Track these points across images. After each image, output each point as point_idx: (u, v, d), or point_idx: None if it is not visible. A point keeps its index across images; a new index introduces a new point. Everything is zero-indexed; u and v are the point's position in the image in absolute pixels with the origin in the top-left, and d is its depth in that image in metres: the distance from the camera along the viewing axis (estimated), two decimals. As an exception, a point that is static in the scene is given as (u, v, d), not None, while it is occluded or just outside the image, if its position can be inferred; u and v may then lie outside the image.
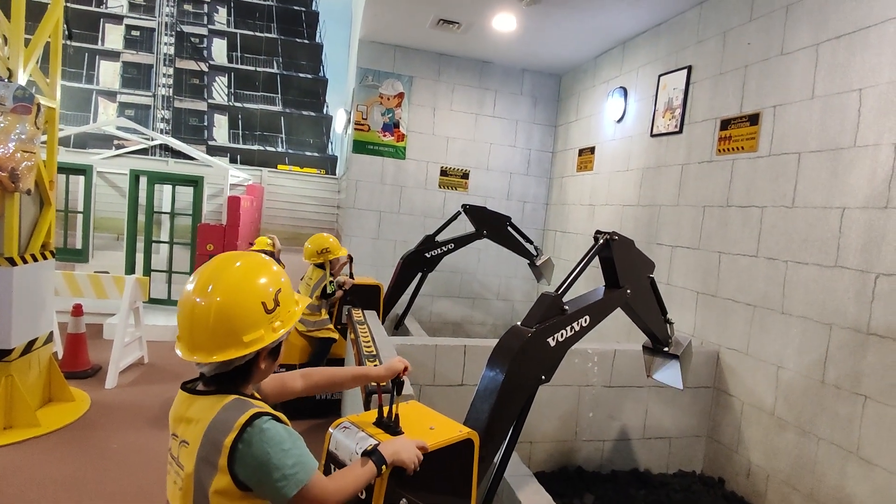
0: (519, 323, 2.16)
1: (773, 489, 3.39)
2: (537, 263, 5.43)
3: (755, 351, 3.58)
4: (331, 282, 4.22)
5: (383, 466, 1.32)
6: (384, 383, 1.59)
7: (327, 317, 4.31)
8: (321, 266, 4.27)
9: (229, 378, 1.26)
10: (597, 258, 2.43)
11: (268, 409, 1.24)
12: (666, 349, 2.82)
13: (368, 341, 3.03)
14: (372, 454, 1.32)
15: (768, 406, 3.46)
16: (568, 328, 2.19)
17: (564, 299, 2.25)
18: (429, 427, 1.58)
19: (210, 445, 1.17)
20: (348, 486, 1.27)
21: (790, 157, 3.45)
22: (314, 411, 4.19)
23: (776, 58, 3.61)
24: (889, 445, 2.75)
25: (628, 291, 2.45)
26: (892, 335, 2.76)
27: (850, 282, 3.00)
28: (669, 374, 2.82)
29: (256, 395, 1.34)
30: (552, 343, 2.13)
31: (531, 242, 5.46)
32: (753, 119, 3.75)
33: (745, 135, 3.81)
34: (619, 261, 2.40)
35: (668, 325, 2.80)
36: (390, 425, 1.52)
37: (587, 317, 2.27)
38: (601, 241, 2.36)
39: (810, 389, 3.18)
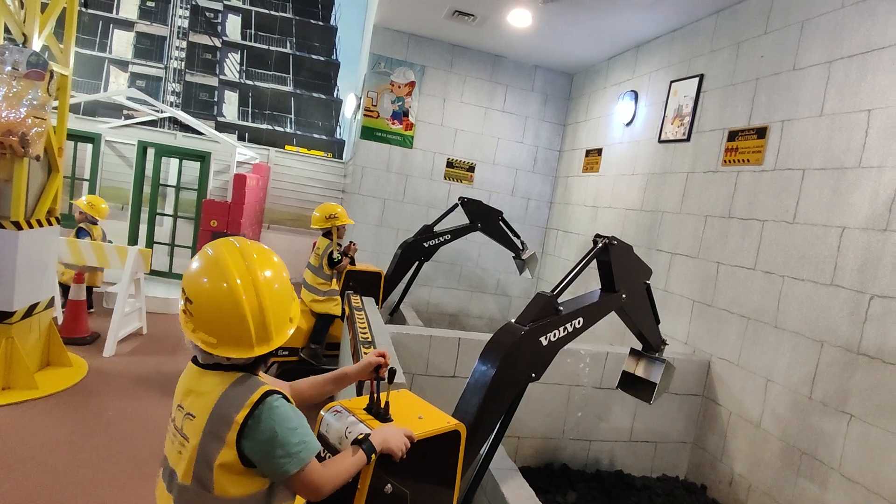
0: (513, 320, 2.19)
1: (754, 499, 3.44)
2: (522, 257, 5.55)
3: (746, 362, 3.62)
4: (336, 249, 4.29)
5: (373, 455, 1.36)
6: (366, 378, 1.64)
7: (337, 289, 4.36)
8: (328, 235, 4.34)
9: (255, 362, 1.31)
10: (594, 261, 2.46)
11: (276, 387, 1.28)
12: (655, 355, 2.83)
13: (364, 327, 3.07)
14: (362, 443, 1.36)
15: (755, 418, 3.51)
16: (561, 328, 2.22)
17: (560, 300, 2.29)
18: (417, 416, 1.62)
19: (219, 420, 1.20)
20: (340, 474, 1.31)
21: (794, 173, 3.46)
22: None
23: (788, 73, 3.62)
24: (870, 464, 2.79)
25: (623, 296, 2.48)
26: (881, 356, 2.80)
27: (845, 301, 3.03)
28: (647, 381, 2.84)
29: (261, 373, 1.38)
30: (544, 342, 2.17)
31: (518, 237, 5.60)
32: (761, 132, 3.77)
33: (752, 147, 3.83)
34: (617, 265, 2.43)
35: (659, 333, 2.83)
36: (380, 412, 1.55)
37: (581, 318, 2.31)
38: (600, 244, 2.40)
39: (797, 404, 3.22)
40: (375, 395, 1.57)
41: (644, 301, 2.65)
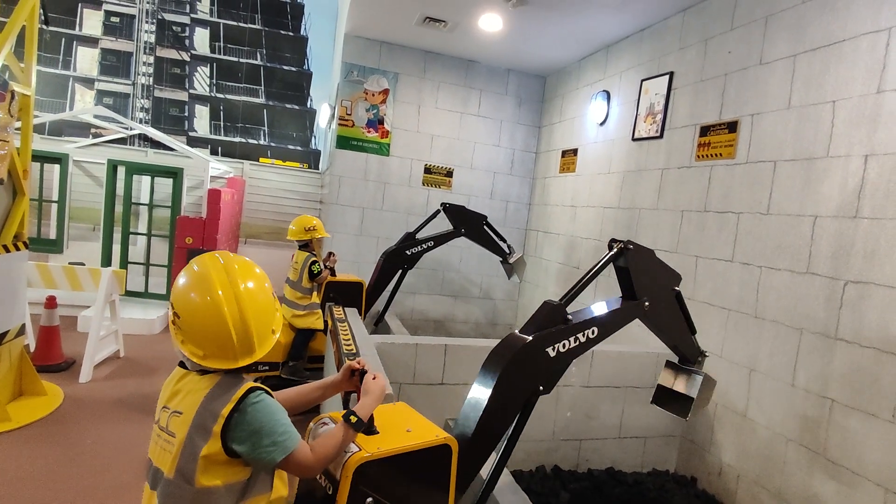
0: (517, 330, 2.06)
1: (744, 488, 3.48)
2: (510, 261, 5.55)
3: (729, 354, 3.66)
4: (314, 262, 4.23)
5: (365, 426, 1.47)
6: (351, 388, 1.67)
7: (318, 301, 4.30)
8: (305, 247, 4.29)
9: (242, 370, 1.39)
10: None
11: (258, 384, 1.38)
12: (692, 367, 2.59)
13: (349, 339, 3.03)
14: (350, 421, 1.44)
15: (740, 408, 3.55)
16: (571, 339, 2.07)
17: (570, 309, 2.15)
18: (406, 429, 1.59)
19: (206, 414, 1.30)
20: (329, 452, 1.39)
21: (766, 165, 3.53)
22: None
23: (755, 67, 3.69)
24: (853, 447, 2.84)
25: (646, 304, 2.30)
26: (858, 341, 2.85)
27: (821, 288, 3.09)
28: (684, 395, 2.57)
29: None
30: (552, 353, 2.02)
31: (504, 241, 5.60)
32: (732, 126, 3.83)
33: (724, 142, 3.89)
34: (636, 271, 2.26)
35: (696, 344, 2.59)
36: (367, 426, 1.55)
37: (595, 328, 2.14)
38: (614, 249, 2.22)
39: (781, 392, 3.27)
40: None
41: (673, 309, 2.45)
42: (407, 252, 5.25)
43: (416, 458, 1.53)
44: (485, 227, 5.49)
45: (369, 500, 1.44)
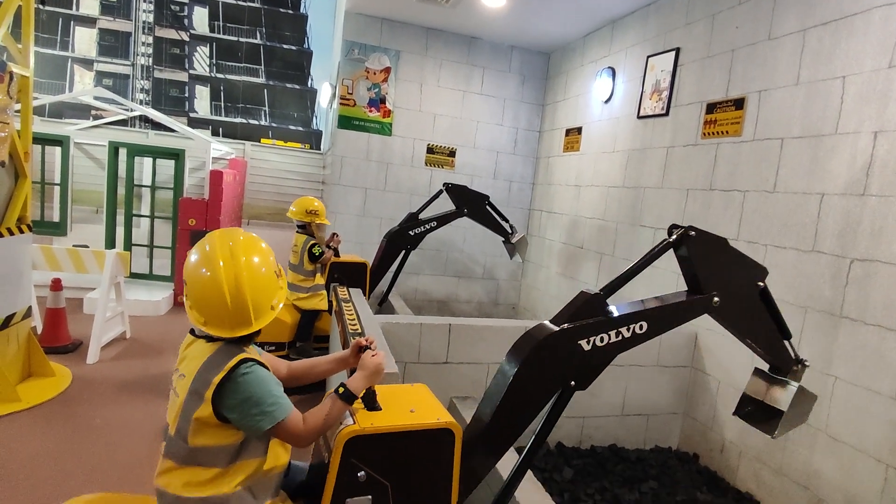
0: (548, 320, 1.88)
1: (745, 465, 3.52)
2: (512, 241, 5.54)
3: (732, 332, 3.66)
4: (314, 244, 4.19)
5: (356, 399, 1.53)
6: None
7: (322, 283, 4.30)
8: (303, 229, 4.25)
9: (246, 339, 1.49)
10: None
11: (254, 356, 1.46)
12: (784, 377, 2.21)
13: (353, 319, 3.04)
14: (338, 393, 1.51)
15: (743, 385, 3.55)
16: (612, 333, 1.85)
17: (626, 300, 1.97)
18: (410, 409, 1.60)
19: (201, 380, 1.39)
20: (318, 423, 1.47)
21: (773, 143, 3.49)
22: (303, 388, 4.23)
23: (763, 42, 3.62)
24: (855, 424, 2.86)
25: (716, 299, 2.00)
26: (863, 318, 2.85)
27: (826, 266, 3.07)
28: (773, 408, 2.21)
29: (250, 347, 1.53)
30: (586, 346, 1.82)
31: (507, 221, 5.58)
32: (739, 103, 3.78)
33: (731, 119, 3.84)
34: (701, 261, 1.98)
35: (790, 348, 2.23)
36: (370, 402, 1.60)
37: (644, 323, 1.90)
38: (674, 236, 1.93)
39: (783, 370, 3.27)
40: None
41: (755, 308, 2.12)
42: (410, 233, 5.24)
43: (414, 438, 1.53)
44: (487, 207, 5.48)
45: (361, 473, 1.48)
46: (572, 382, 1.86)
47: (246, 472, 1.43)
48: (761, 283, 2.10)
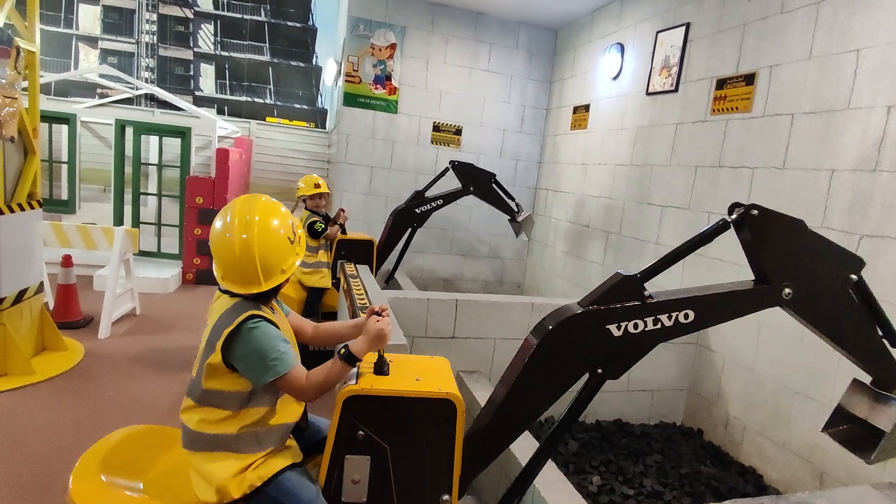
0: (577, 301, 1.72)
1: (749, 439, 3.55)
2: (518, 219, 5.53)
3: (738, 309, 3.67)
4: (314, 221, 4.16)
5: (357, 363, 1.60)
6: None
7: (325, 259, 4.31)
8: (313, 212, 4.25)
9: (262, 296, 1.60)
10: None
11: (264, 313, 1.56)
12: (888, 392, 1.86)
13: (361, 294, 3.07)
14: (339, 353, 1.58)
15: (748, 362, 3.59)
16: (649, 319, 1.67)
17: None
18: (415, 378, 1.63)
19: (216, 331, 1.54)
20: (319, 380, 1.55)
21: (783, 119, 3.45)
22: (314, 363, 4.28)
23: (776, 16, 3.56)
24: (860, 399, 2.87)
25: (787, 291, 1.73)
26: (870, 294, 2.84)
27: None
28: (872, 427, 1.87)
29: (269, 306, 1.65)
30: (616, 332, 1.65)
31: (513, 199, 5.56)
32: (749, 79, 3.73)
33: (740, 95, 3.80)
34: (767, 245, 1.72)
35: (891, 357, 1.87)
36: (380, 368, 1.65)
37: (690, 311, 1.69)
38: (733, 215, 1.70)
39: (790, 346, 3.29)
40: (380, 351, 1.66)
41: (846, 306, 1.80)
42: (416, 210, 5.25)
43: (412, 405, 1.56)
44: (493, 185, 5.46)
45: (360, 432, 1.54)
46: (599, 370, 1.70)
47: (253, 418, 1.56)
48: (854, 276, 1.77)
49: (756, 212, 1.68)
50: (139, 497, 1.59)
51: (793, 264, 1.74)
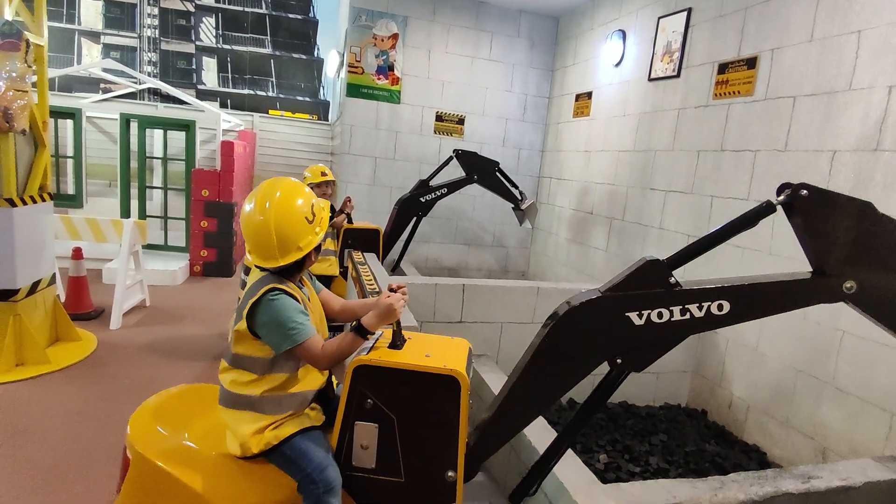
0: (599, 287, 1.63)
1: (753, 419, 3.61)
2: (522, 208, 5.56)
3: (741, 291, 3.71)
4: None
5: (368, 335, 1.70)
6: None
7: (332, 248, 4.36)
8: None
9: (287, 271, 1.73)
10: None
11: (287, 287, 1.68)
12: None
13: (370, 279, 3.12)
14: (354, 328, 1.69)
15: (752, 342, 3.64)
16: (676, 308, 1.54)
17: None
18: (426, 354, 1.69)
19: (244, 301, 1.68)
20: (332, 350, 1.67)
21: (785, 101, 3.47)
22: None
23: (778, -2, 3.57)
24: (862, 375, 2.93)
25: (848, 284, 1.52)
26: (872, 273, 2.88)
27: (836, 223, 3.09)
28: None
29: (296, 281, 1.78)
30: (637, 320, 1.54)
31: (517, 187, 5.59)
32: (751, 63, 3.75)
33: (742, 79, 3.82)
34: (826, 230, 1.50)
35: None
36: (395, 343, 1.74)
37: (725, 302, 1.55)
38: (781, 196, 1.52)
39: (793, 326, 3.34)
40: (395, 326, 1.74)
41: None
42: (421, 199, 5.29)
43: (419, 379, 1.61)
44: (497, 173, 5.49)
45: (369, 401, 1.63)
46: (618, 360, 1.59)
47: (275, 383, 1.69)
48: None
49: (805, 192, 1.48)
50: (184, 445, 1.77)
51: (853, 253, 1.51)
